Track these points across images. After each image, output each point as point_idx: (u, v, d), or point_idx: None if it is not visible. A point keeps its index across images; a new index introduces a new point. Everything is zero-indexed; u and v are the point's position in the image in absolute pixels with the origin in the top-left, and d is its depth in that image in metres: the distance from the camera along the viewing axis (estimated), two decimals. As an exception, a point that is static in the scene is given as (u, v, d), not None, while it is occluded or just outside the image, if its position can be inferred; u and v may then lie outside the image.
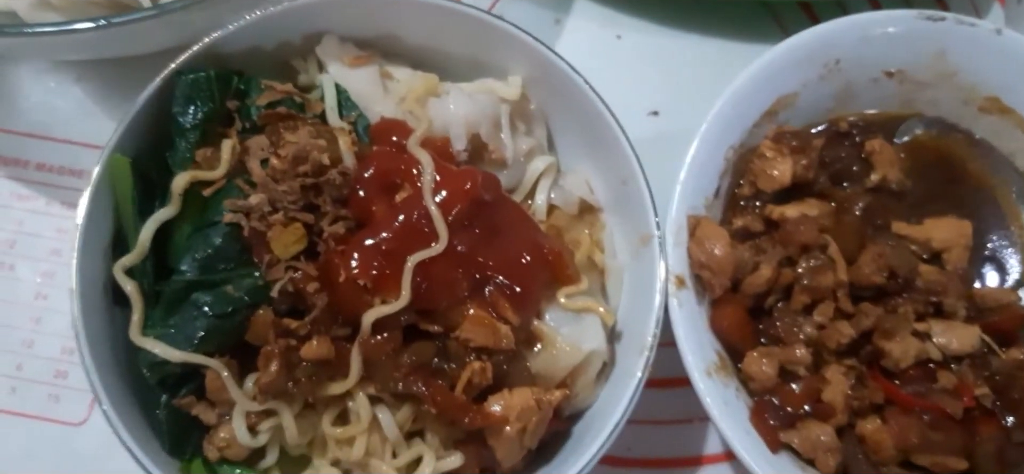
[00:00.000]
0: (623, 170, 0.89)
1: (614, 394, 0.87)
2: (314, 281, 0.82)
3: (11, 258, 1.05)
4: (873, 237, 0.92)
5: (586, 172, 0.97)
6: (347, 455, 0.86)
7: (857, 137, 0.98)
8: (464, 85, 0.94)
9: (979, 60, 0.95)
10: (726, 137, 0.92)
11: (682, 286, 0.87)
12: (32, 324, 1.03)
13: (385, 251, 0.82)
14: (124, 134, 0.86)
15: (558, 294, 0.89)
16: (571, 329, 0.89)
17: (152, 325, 0.83)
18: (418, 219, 0.83)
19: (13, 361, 1.02)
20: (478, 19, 0.92)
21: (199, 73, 0.87)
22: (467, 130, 0.89)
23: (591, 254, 0.94)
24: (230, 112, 0.88)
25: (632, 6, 1.17)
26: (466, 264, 0.84)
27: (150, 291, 0.84)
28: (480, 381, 0.84)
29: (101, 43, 0.96)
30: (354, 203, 0.85)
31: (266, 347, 0.82)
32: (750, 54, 1.11)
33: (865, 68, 0.96)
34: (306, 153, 0.83)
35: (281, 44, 0.93)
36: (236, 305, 0.82)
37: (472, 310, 0.84)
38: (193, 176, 0.84)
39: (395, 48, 0.97)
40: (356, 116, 0.90)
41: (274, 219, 0.82)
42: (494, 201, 0.88)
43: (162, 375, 0.83)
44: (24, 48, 1.01)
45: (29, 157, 1.08)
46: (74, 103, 1.11)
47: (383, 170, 0.85)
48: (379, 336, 0.83)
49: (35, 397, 1.01)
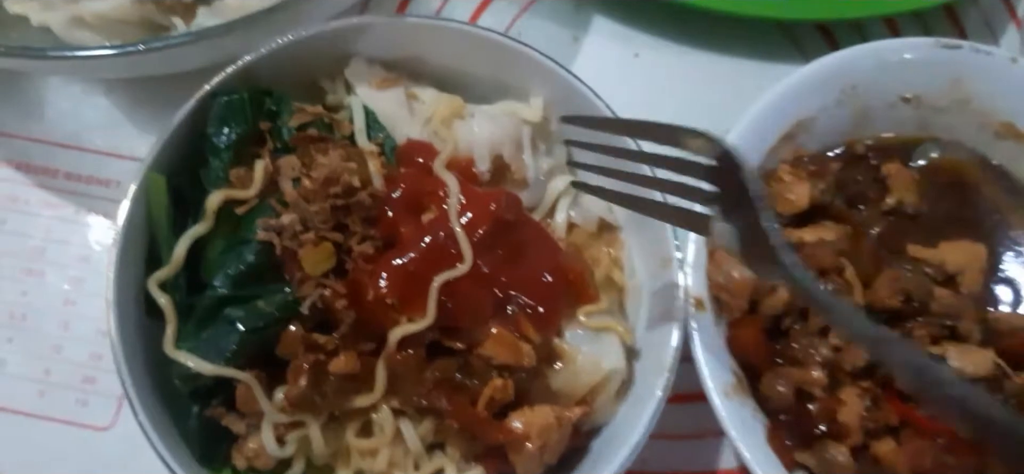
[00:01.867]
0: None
1: (633, 412, 0.89)
2: (343, 298, 0.84)
3: (41, 264, 1.07)
4: (889, 260, 0.94)
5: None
6: (371, 466, 0.88)
7: (873, 160, 0.99)
8: (487, 107, 0.96)
9: (995, 87, 0.97)
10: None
11: (701, 308, 0.89)
12: (60, 330, 1.05)
13: (412, 271, 0.84)
14: (159, 153, 0.88)
15: (578, 312, 0.91)
16: (591, 347, 0.90)
17: (185, 338, 0.85)
18: (444, 240, 0.85)
19: (42, 366, 1.03)
20: (498, 43, 0.94)
21: (233, 95, 0.89)
22: (490, 151, 0.91)
23: (610, 273, 0.96)
24: (262, 133, 0.90)
25: (649, 25, 1.19)
26: (489, 284, 0.86)
27: (183, 305, 0.86)
28: (501, 397, 0.86)
29: (135, 65, 0.99)
30: (382, 223, 0.87)
31: (295, 361, 0.84)
32: (767, 73, 1.15)
33: (882, 93, 0.98)
34: (337, 175, 0.85)
35: (311, 66, 0.95)
36: (267, 320, 0.84)
37: (495, 328, 0.86)
38: (227, 195, 0.86)
39: (420, 70, 0.98)
40: (383, 137, 0.92)
41: (305, 238, 0.84)
42: (516, 221, 0.89)
43: (194, 387, 0.85)
44: (58, 68, 1.04)
45: (58, 166, 1.10)
46: (103, 114, 1.12)
47: (411, 192, 0.87)
48: (404, 352, 0.85)
49: (63, 401, 1.02)
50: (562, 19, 1.20)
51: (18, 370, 1.03)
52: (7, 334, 1.05)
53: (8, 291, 1.06)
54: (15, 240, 1.08)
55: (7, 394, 1.03)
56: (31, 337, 1.05)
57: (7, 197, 1.09)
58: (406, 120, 0.93)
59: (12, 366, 1.04)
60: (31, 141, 1.11)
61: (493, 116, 0.94)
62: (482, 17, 1.20)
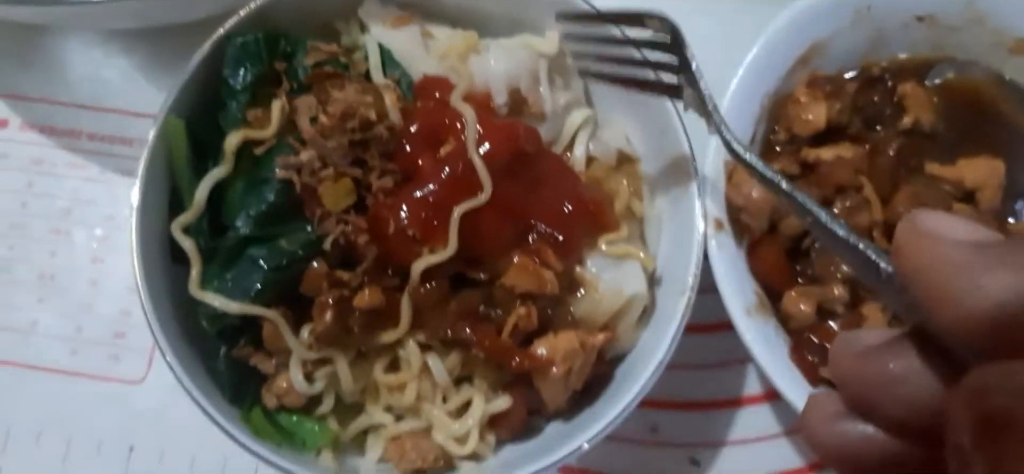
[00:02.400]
0: (661, 120, 0.92)
1: (655, 337, 0.90)
2: (364, 233, 0.85)
3: (67, 224, 1.08)
4: (907, 178, 0.94)
5: (624, 123, 0.99)
6: (399, 401, 0.89)
7: (889, 81, 0.99)
8: (503, 40, 0.96)
9: (1008, 4, 0.96)
10: (761, 84, 0.94)
11: (721, 229, 0.89)
12: (90, 288, 1.06)
13: (432, 203, 0.84)
14: (177, 97, 0.89)
15: (599, 241, 0.92)
16: (612, 274, 0.91)
17: (210, 279, 0.86)
18: (463, 171, 0.85)
19: (73, 324, 1.05)
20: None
21: (248, 36, 0.90)
22: (507, 85, 0.92)
23: (630, 203, 0.96)
24: (278, 73, 0.91)
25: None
26: (510, 213, 0.87)
27: (207, 248, 0.87)
28: (525, 326, 0.87)
29: (149, 11, 0.99)
30: (400, 158, 0.87)
31: (320, 297, 0.84)
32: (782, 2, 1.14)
33: (896, 13, 0.98)
34: (354, 109, 0.85)
35: (324, 6, 0.96)
36: (290, 258, 0.85)
37: (517, 258, 0.87)
38: (245, 135, 0.87)
39: (435, 9, 0.99)
40: (400, 74, 0.92)
41: (324, 174, 0.85)
42: (535, 153, 0.90)
43: (221, 327, 0.86)
44: (73, 19, 1.04)
45: (82, 127, 1.12)
46: (122, 74, 1.14)
47: (428, 124, 0.88)
48: (428, 285, 0.85)
49: (95, 357, 1.04)
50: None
51: (50, 329, 1.05)
52: (38, 295, 1.06)
53: (37, 252, 1.08)
54: (42, 202, 1.09)
55: (40, 353, 1.04)
56: (61, 296, 1.06)
57: (32, 160, 1.11)
58: (422, 57, 0.93)
59: (43, 326, 1.05)
60: (54, 104, 1.13)
61: (509, 49, 0.94)
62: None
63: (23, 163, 1.10)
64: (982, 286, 0.45)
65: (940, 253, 0.47)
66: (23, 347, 1.05)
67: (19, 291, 1.06)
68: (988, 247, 0.47)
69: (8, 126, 1.12)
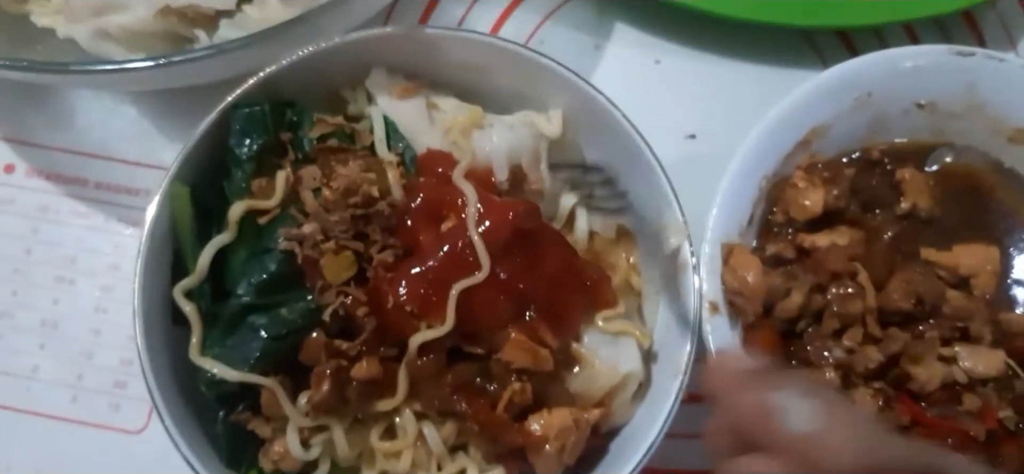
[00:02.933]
0: (659, 199, 0.93)
1: (650, 413, 0.90)
2: (364, 305, 0.86)
3: (72, 273, 1.09)
4: (902, 264, 0.95)
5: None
6: (394, 467, 0.90)
7: (888, 165, 1.00)
8: (507, 118, 0.97)
9: (1009, 93, 0.98)
10: (760, 167, 0.95)
11: (716, 312, 0.90)
12: (92, 336, 1.07)
13: (431, 279, 0.86)
14: (183, 163, 0.90)
15: (596, 317, 0.93)
16: (609, 351, 0.92)
17: (210, 345, 0.87)
18: (462, 248, 0.87)
19: (74, 371, 1.06)
20: (517, 54, 0.96)
21: (255, 107, 0.91)
22: (508, 161, 0.93)
23: (628, 278, 0.97)
24: (284, 143, 0.92)
25: (671, 32, 1.20)
26: (508, 290, 0.88)
27: (208, 313, 0.88)
28: (521, 401, 0.88)
29: (158, 78, 1.01)
30: (402, 232, 0.89)
31: (318, 367, 0.86)
32: (787, 77, 1.17)
33: (897, 100, 0.99)
34: (357, 185, 0.87)
35: (331, 76, 0.97)
36: (290, 327, 0.86)
37: (513, 334, 0.88)
38: (249, 205, 0.88)
39: (441, 79, 1.00)
40: (403, 147, 0.93)
41: (326, 247, 0.86)
42: (535, 229, 0.91)
43: (220, 392, 0.87)
44: (83, 82, 1.07)
45: (88, 176, 1.13)
46: (131, 124, 1.15)
47: (429, 201, 0.89)
48: (425, 357, 0.87)
49: (96, 406, 1.05)
50: (585, 26, 1.21)
51: (51, 376, 1.06)
52: (40, 341, 1.07)
53: (40, 299, 1.09)
54: (47, 249, 1.10)
55: (41, 399, 1.05)
56: (63, 344, 1.07)
57: (39, 207, 1.12)
58: (426, 130, 0.95)
59: (45, 372, 1.06)
60: (62, 151, 1.14)
61: (512, 126, 0.95)
62: (505, 25, 1.21)
63: (29, 209, 1.12)
64: (738, 401, 0.70)
65: (723, 378, 0.73)
66: (24, 393, 1.05)
67: (21, 337, 1.07)
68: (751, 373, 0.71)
69: (15, 171, 1.13)
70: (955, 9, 1.15)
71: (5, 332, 1.08)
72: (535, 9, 1.22)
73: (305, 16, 0.94)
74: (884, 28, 1.19)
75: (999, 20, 1.21)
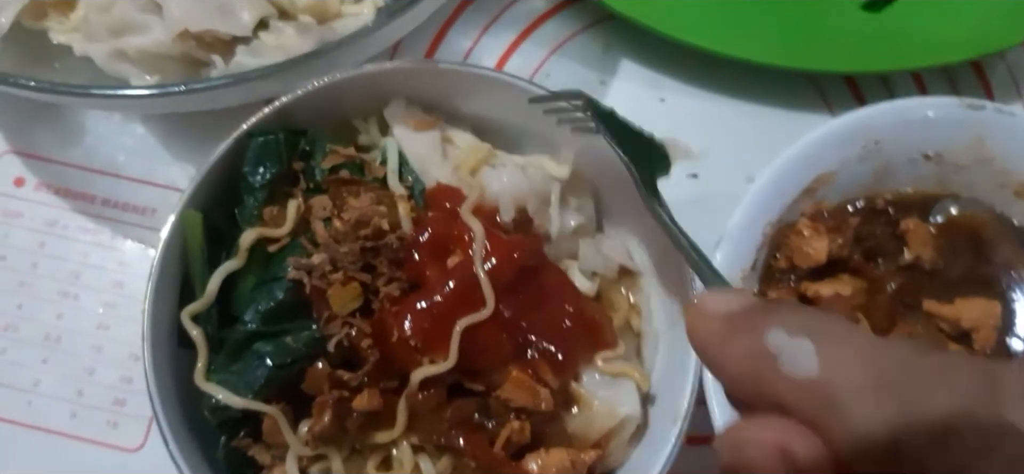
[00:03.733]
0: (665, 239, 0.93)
1: (647, 456, 0.91)
2: (368, 337, 0.87)
3: (76, 288, 1.10)
4: (904, 315, 0.95)
5: (628, 237, 1.01)
6: (391, 498, 0.90)
7: (892, 215, 1.01)
8: (518, 158, 0.98)
9: (1017, 147, 0.98)
10: (764, 213, 0.96)
11: (717, 357, 0.90)
12: (93, 353, 1.08)
13: (435, 314, 0.86)
14: (197, 189, 0.91)
15: (596, 357, 0.93)
16: (607, 392, 0.92)
17: (215, 370, 0.88)
18: (467, 285, 0.87)
19: (75, 387, 1.06)
20: (520, 89, 0.96)
21: (269, 136, 0.92)
22: (515, 203, 0.94)
23: (629, 318, 0.98)
24: (296, 172, 0.93)
25: (677, 70, 1.21)
26: (510, 329, 0.89)
27: (214, 337, 0.89)
28: (519, 439, 0.88)
29: (173, 104, 1.02)
30: (409, 265, 0.89)
31: (320, 397, 0.86)
32: (792, 120, 1.17)
33: (905, 150, 0.99)
34: (367, 218, 0.87)
35: (344, 106, 0.98)
36: (295, 356, 0.87)
37: (514, 372, 0.88)
38: (260, 233, 0.89)
39: (459, 113, 1.01)
40: (412, 180, 0.94)
41: (334, 278, 0.86)
42: (538, 266, 0.92)
43: (222, 418, 0.88)
44: (97, 104, 1.08)
45: (96, 192, 1.13)
46: (140, 142, 1.16)
47: (437, 235, 0.90)
48: (425, 392, 0.87)
49: (94, 422, 1.05)
50: (590, 62, 1.22)
51: (52, 391, 1.06)
52: (42, 355, 1.08)
53: (44, 313, 1.09)
54: (53, 263, 1.11)
55: (41, 413, 1.06)
56: (65, 359, 1.08)
57: (46, 221, 1.12)
58: (438, 163, 0.95)
59: (46, 386, 1.07)
60: (70, 167, 1.14)
61: (523, 167, 0.96)
62: (511, 59, 1.22)
63: (37, 223, 1.12)
64: (725, 356, 0.53)
65: (704, 329, 0.55)
66: (24, 407, 1.06)
67: (24, 350, 1.08)
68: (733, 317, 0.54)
69: (24, 185, 1.14)
70: (963, 59, 1.16)
71: (9, 346, 1.08)
72: (541, 42, 1.23)
73: (322, 49, 0.95)
74: (891, 75, 1.20)
75: (1007, 71, 1.22)
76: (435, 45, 1.23)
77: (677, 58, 1.21)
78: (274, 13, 1.03)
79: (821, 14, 1.20)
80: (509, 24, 1.24)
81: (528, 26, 1.24)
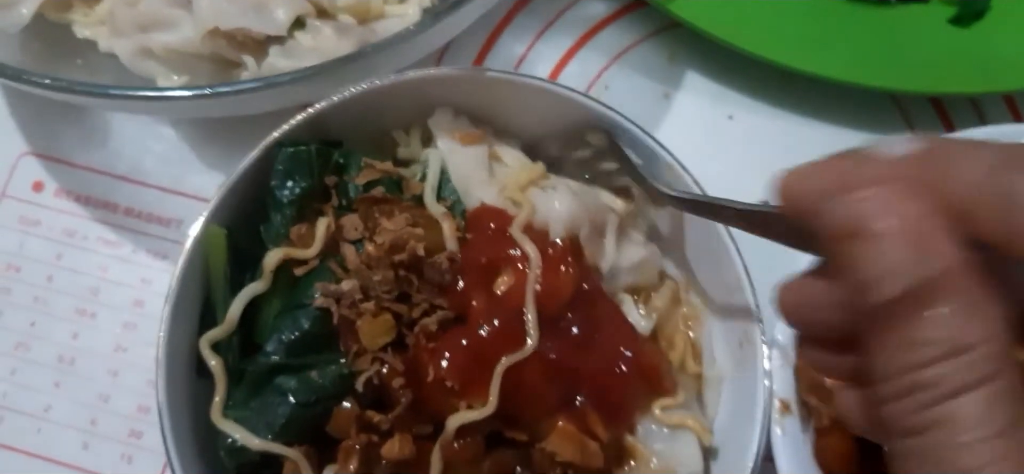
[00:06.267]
0: (730, 278, 0.84)
1: (708, 520, 0.82)
2: (400, 376, 0.78)
3: (93, 306, 1.03)
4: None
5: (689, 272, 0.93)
6: (419, 555, 0.82)
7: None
8: (572, 182, 0.89)
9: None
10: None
11: (787, 412, 0.82)
12: (109, 378, 1.00)
13: (476, 352, 0.78)
14: (220, 203, 0.83)
15: (653, 405, 0.85)
16: (665, 446, 0.84)
17: (233, 405, 0.80)
18: (515, 318, 0.79)
19: (88, 415, 0.99)
20: (578, 103, 0.88)
21: (300, 147, 0.85)
22: (567, 229, 0.85)
23: (685, 359, 0.89)
24: (327, 188, 0.86)
25: (746, 86, 1.12)
26: (557, 373, 0.80)
27: (234, 367, 0.82)
28: (564, 498, 0.80)
29: (202, 107, 0.95)
30: (451, 293, 0.81)
31: (346, 442, 0.79)
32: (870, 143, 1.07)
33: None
34: (403, 242, 0.79)
35: (382, 116, 0.90)
36: (320, 394, 0.79)
37: (561, 422, 0.80)
38: (286, 254, 0.82)
39: (504, 126, 0.93)
40: (453, 201, 0.86)
41: (364, 308, 0.78)
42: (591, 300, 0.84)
43: (240, 460, 0.80)
44: (121, 106, 1.01)
45: (119, 200, 1.06)
46: (168, 146, 1.08)
47: (486, 258, 0.82)
48: (462, 440, 0.79)
49: (108, 455, 0.98)
50: (653, 73, 1.14)
51: (63, 418, 0.99)
52: (55, 378, 1.01)
53: (59, 332, 1.02)
54: (70, 277, 1.04)
55: (51, 443, 0.99)
56: (79, 384, 1.00)
57: (65, 230, 1.05)
58: (483, 182, 0.87)
59: (57, 413, 0.99)
60: (93, 172, 1.07)
61: (577, 192, 0.87)
62: (567, 67, 1.14)
63: (55, 232, 1.05)
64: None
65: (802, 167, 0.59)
66: (33, 434, 0.99)
67: (36, 372, 1.01)
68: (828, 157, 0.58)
69: (43, 190, 1.07)
70: (1061, 83, 1.06)
71: (20, 366, 1.01)
72: (601, 50, 1.15)
73: (361, 53, 0.87)
74: (981, 98, 1.10)
75: (1104, 95, 1.11)
76: (486, 50, 1.14)
77: (748, 72, 1.11)
78: (312, 11, 0.95)
79: (903, 28, 1.10)
80: (566, 29, 1.16)
81: (586, 32, 1.16)
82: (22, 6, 0.97)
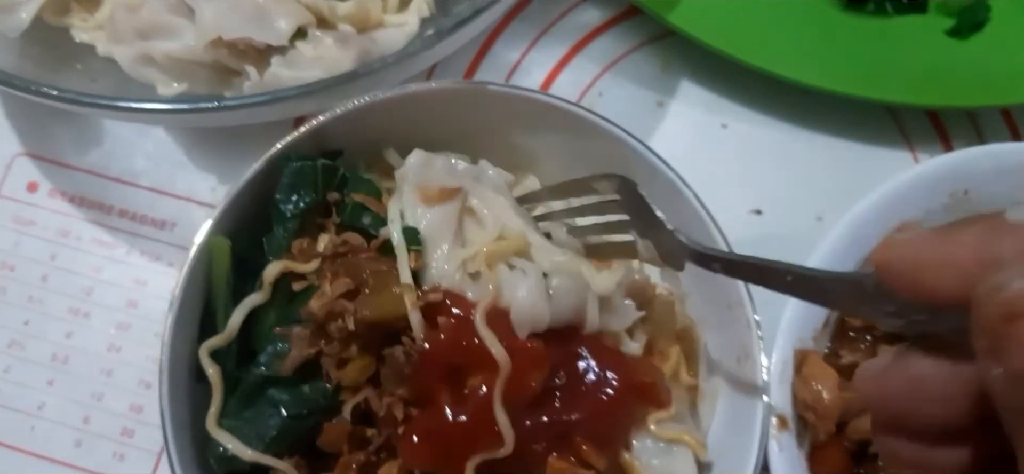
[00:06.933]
0: (729, 294, 0.85)
1: (703, 536, 0.82)
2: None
3: (87, 305, 1.02)
4: (984, 381, 0.87)
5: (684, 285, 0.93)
6: None
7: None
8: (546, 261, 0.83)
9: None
10: (840, 265, 0.87)
11: (784, 428, 0.82)
12: (103, 377, 1.00)
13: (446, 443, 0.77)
14: (224, 213, 0.84)
15: (648, 419, 0.84)
16: (661, 462, 0.83)
17: (227, 415, 0.80)
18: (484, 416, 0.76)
19: (81, 413, 0.99)
20: (568, 113, 0.89)
21: (306, 162, 0.85)
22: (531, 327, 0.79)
23: (678, 370, 0.89)
24: (329, 204, 0.86)
25: (740, 94, 1.12)
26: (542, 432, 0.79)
27: (231, 375, 0.82)
28: (566, 528, 0.79)
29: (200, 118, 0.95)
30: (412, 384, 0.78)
31: (343, 458, 0.79)
32: (865, 154, 1.08)
33: (994, 200, 0.90)
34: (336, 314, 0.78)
35: (380, 131, 0.90)
36: (311, 407, 0.79)
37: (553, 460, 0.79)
38: (286, 267, 0.82)
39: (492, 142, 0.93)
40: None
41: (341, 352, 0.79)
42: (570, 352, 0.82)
43: (229, 469, 0.80)
44: (119, 116, 1.01)
45: (113, 202, 1.06)
46: (162, 148, 1.08)
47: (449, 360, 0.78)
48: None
49: (100, 453, 0.98)
50: (647, 82, 1.13)
51: (57, 416, 0.99)
52: (48, 376, 1.00)
53: (53, 331, 1.02)
54: (64, 278, 1.03)
55: (44, 440, 0.98)
56: (73, 382, 1.00)
57: (59, 230, 1.05)
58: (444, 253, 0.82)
59: (51, 411, 0.99)
60: (87, 173, 1.07)
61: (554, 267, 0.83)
62: (560, 75, 1.14)
63: (49, 232, 1.05)
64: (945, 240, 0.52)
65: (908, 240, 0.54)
66: (27, 432, 0.99)
67: (30, 370, 1.01)
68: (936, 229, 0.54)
69: (38, 190, 1.07)
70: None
71: (14, 364, 1.01)
72: (594, 58, 1.15)
73: (365, 68, 0.88)
74: (978, 111, 1.10)
75: (1107, 110, 1.11)
76: (479, 58, 1.14)
77: (742, 81, 1.11)
78: (313, 21, 0.94)
79: (900, 39, 1.10)
80: (559, 37, 1.15)
81: (580, 40, 1.15)
82: (21, 10, 0.97)
